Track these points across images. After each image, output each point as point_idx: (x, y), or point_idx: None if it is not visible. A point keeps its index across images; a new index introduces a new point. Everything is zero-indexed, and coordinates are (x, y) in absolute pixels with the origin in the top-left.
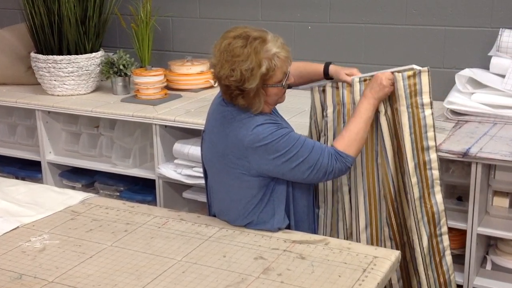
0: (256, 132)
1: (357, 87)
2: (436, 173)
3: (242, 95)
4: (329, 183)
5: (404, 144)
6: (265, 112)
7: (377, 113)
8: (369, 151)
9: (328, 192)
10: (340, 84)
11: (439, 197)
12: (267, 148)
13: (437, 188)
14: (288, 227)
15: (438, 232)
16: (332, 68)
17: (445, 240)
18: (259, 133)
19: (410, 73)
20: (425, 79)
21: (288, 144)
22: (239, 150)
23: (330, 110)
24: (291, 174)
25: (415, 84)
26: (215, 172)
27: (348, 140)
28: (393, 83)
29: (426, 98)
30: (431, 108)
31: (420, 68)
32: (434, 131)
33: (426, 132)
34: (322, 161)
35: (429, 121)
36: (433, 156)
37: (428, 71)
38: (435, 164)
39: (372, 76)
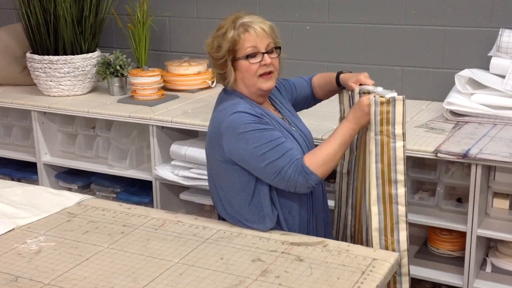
0: (232, 118)
1: (356, 98)
2: (402, 209)
3: (215, 63)
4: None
5: (369, 172)
6: (242, 93)
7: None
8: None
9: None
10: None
11: (403, 235)
12: (238, 137)
13: (402, 226)
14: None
15: (397, 272)
16: (342, 77)
17: (405, 283)
18: (234, 120)
19: (383, 99)
20: (399, 108)
21: (259, 141)
22: (216, 134)
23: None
24: (258, 173)
25: (388, 112)
26: (208, 160)
27: (318, 159)
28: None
29: (398, 129)
30: (404, 140)
31: (395, 96)
32: (404, 164)
33: (395, 164)
34: (287, 170)
35: (399, 153)
36: (401, 191)
37: (403, 100)
38: (402, 199)
39: (374, 88)
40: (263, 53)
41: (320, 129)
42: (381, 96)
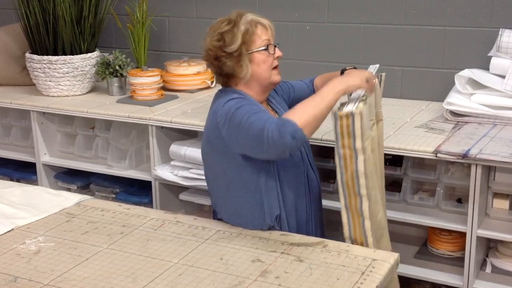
0: (227, 105)
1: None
2: (368, 224)
3: (227, 57)
4: None
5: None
6: (244, 91)
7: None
8: None
9: None
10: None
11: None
12: (233, 116)
13: (370, 240)
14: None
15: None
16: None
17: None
18: (229, 106)
19: (342, 113)
20: (357, 122)
21: (249, 110)
22: (214, 127)
23: None
24: (245, 143)
25: (348, 126)
26: (205, 160)
27: (295, 112)
28: (368, 83)
29: (358, 143)
30: (364, 154)
31: (353, 110)
32: (366, 179)
33: (358, 177)
34: (268, 128)
35: (361, 167)
36: (365, 205)
37: (361, 114)
38: (366, 214)
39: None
40: (274, 46)
41: (319, 130)
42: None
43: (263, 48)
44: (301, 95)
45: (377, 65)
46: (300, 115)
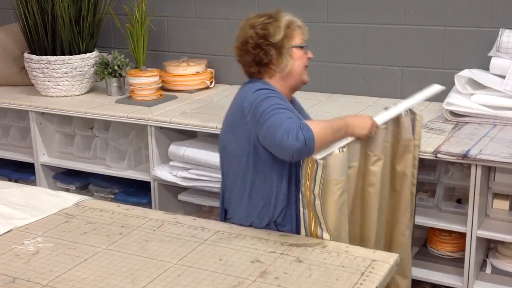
0: (255, 94)
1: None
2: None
3: (270, 47)
4: None
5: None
6: (275, 84)
7: None
8: None
9: None
10: None
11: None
12: (259, 104)
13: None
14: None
15: None
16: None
17: None
18: (257, 95)
19: (309, 158)
20: (320, 171)
21: (274, 102)
22: (240, 112)
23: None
24: (264, 133)
25: (311, 171)
26: (224, 148)
27: (317, 124)
28: (370, 131)
29: (316, 189)
30: (320, 199)
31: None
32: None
33: (319, 220)
34: (285, 123)
35: (318, 209)
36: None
37: (324, 165)
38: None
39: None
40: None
41: None
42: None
43: (301, 45)
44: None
45: (438, 87)
46: (320, 130)
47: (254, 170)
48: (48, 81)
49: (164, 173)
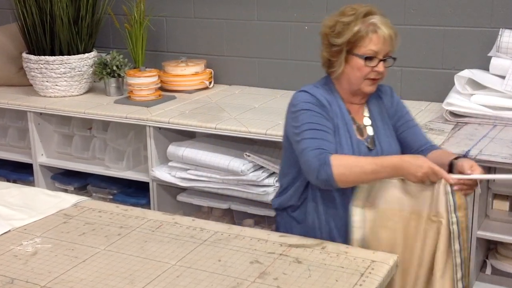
0: (296, 95)
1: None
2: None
3: (328, 46)
4: None
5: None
6: (337, 85)
7: None
8: None
9: None
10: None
11: None
12: (293, 113)
13: None
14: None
15: None
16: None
17: None
18: (297, 97)
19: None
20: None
21: (306, 119)
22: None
23: None
24: (295, 149)
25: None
26: (284, 147)
27: (344, 161)
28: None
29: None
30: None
31: None
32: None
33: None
34: (309, 152)
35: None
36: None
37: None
38: None
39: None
40: (380, 60)
41: None
42: None
43: (363, 56)
44: (410, 139)
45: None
46: (345, 171)
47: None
48: (47, 81)
49: (163, 173)
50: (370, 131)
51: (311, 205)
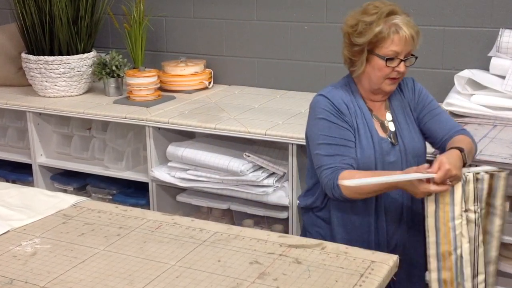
0: (316, 99)
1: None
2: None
3: (350, 45)
4: None
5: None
6: (358, 83)
7: None
8: None
9: None
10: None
11: None
12: (312, 119)
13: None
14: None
15: None
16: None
17: None
18: (316, 101)
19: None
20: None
21: (323, 131)
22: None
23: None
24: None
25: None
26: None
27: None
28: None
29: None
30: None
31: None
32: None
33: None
34: (323, 171)
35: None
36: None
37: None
38: None
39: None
40: (401, 60)
41: None
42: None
43: (384, 57)
44: (434, 129)
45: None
46: (356, 187)
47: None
48: (46, 82)
49: (162, 174)
50: (392, 126)
51: (334, 207)
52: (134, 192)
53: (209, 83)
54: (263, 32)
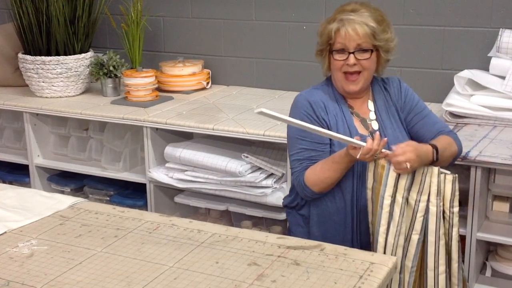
0: (296, 98)
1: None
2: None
3: (318, 48)
4: None
5: None
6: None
7: None
8: None
9: None
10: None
11: None
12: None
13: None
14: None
15: None
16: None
17: None
18: (296, 100)
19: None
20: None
21: (298, 131)
22: None
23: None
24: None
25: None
26: None
27: (316, 178)
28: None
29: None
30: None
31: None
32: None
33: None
34: (293, 171)
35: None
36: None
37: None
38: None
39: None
40: (350, 53)
41: None
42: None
43: (334, 51)
44: (421, 132)
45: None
46: (319, 182)
47: None
48: (43, 82)
49: (160, 174)
50: (375, 125)
51: (313, 204)
52: (131, 193)
53: (207, 83)
54: (261, 32)
